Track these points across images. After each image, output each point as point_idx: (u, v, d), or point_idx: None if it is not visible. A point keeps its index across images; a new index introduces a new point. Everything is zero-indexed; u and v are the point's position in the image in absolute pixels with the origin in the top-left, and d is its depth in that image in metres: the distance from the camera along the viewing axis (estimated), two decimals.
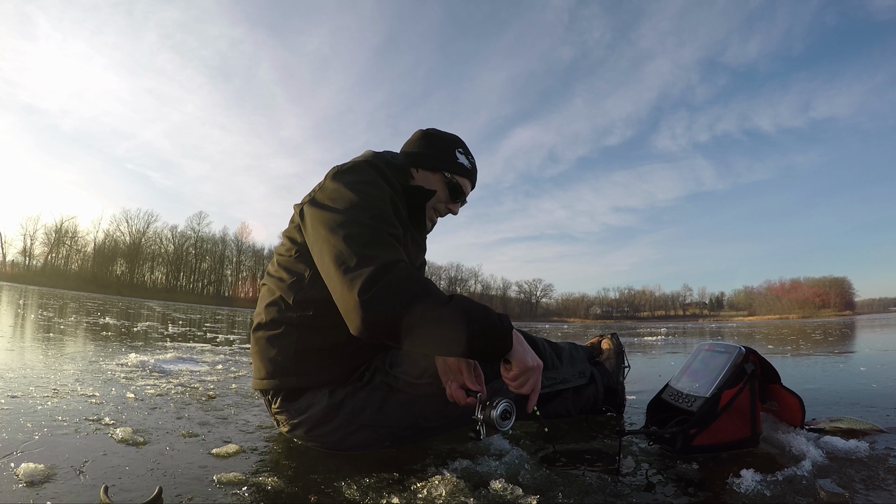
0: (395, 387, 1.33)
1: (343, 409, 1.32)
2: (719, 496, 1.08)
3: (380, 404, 1.33)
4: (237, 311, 22.35)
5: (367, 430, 1.33)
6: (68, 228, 67.48)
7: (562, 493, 1.07)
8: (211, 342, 5.00)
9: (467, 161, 1.55)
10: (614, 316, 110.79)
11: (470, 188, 1.59)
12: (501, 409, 1.14)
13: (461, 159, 1.54)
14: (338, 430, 1.33)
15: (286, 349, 1.32)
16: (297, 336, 1.31)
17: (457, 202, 1.55)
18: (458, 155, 1.53)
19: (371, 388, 1.33)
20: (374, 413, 1.32)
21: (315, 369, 1.33)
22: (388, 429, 1.34)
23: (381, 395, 1.33)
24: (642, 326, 25.97)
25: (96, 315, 8.66)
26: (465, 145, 1.58)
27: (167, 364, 2.97)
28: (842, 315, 77.16)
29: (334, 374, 1.34)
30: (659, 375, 3.31)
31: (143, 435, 1.41)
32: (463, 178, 1.54)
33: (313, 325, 1.30)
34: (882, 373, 3.21)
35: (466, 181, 1.55)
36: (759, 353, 1.46)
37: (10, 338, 3.99)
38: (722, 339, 8.77)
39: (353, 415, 1.32)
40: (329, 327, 1.29)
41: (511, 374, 1.15)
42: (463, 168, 1.53)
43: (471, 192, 1.61)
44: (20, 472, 1.04)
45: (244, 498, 1.02)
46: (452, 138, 1.57)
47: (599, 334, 2.05)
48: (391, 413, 1.33)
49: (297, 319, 1.31)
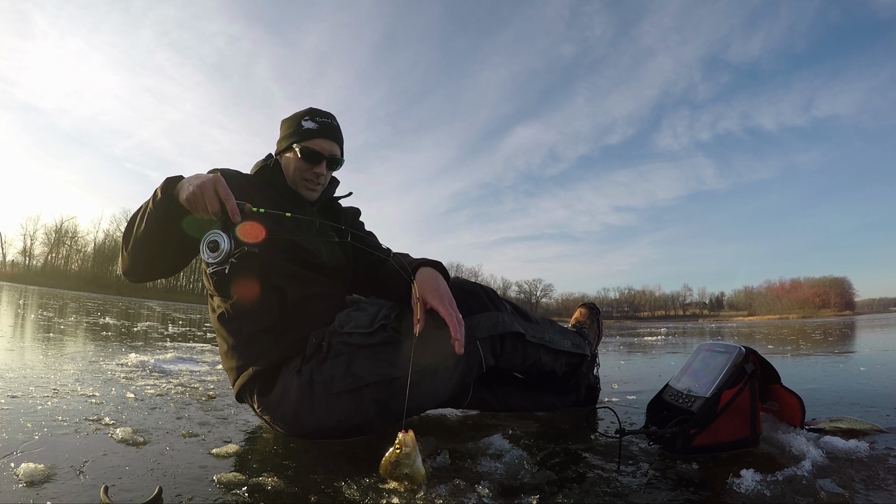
0: (354, 343, 1.36)
1: (315, 385, 1.34)
2: (719, 496, 1.08)
3: (346, 367, 1.34)
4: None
5: (345, 398, 1.35)
6: (68, 228, 67.56)
7: (562, 493, 1.07)
8: (211, 342, 4.99)
9: (313, 123, 1.57)
10: (614, 316, 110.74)
11: (330, 145, 1.59)
12: (210, 239, 1.21)
13: (306, 125, 1.57)
14: (318, 408, 1.35)
15: (233, 345, 1.47)
16: (232, 329, 1.46)
17: (318, 164, 1.57)
18: (304, 122, 1.57)
19: (333, 354, 1.36)
20: (343, 377, 1.34)
21: (261, 350, 1.43)
22: (362, 391, 1.35)
23: (344, 358, 1.35)
24: (642, 326, 25.95)
25: (96, 315, 8.66)
26: (316, 110, 1.61)
27: (167, 364, 2.97)
28: (842, 315, 77.12)
29: (284, 348, 1.42)
30: (659, 375, 3.31)
31: (143, 435, 1.41)
32: (313, 140, 1.56)
33: (237, 315, 1.44)
34: (882, 373, 3.21)
35: (319, 140, 1.57)
36: (759, 352, 1.46)
37: (10, 338, 3.99)
38: (722, 338, 8.76)
39: (325, 387, 1.34)
40: (250, 313, 1.43)
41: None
42: (309, 132, 1.56)
43: (337, 149, 1.61)
44: (20, 472, 1.04)
45: (244, 498, 1.01)
46: (301, 112, 1.61)
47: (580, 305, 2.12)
48: (359, 371, 1.34)
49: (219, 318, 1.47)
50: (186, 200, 1.22)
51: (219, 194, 1.19)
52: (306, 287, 1.47)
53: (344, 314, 1.45)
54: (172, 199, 1.26)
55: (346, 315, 1.44)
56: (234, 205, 1.19)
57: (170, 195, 1.27)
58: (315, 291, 1.48)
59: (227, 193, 1.19)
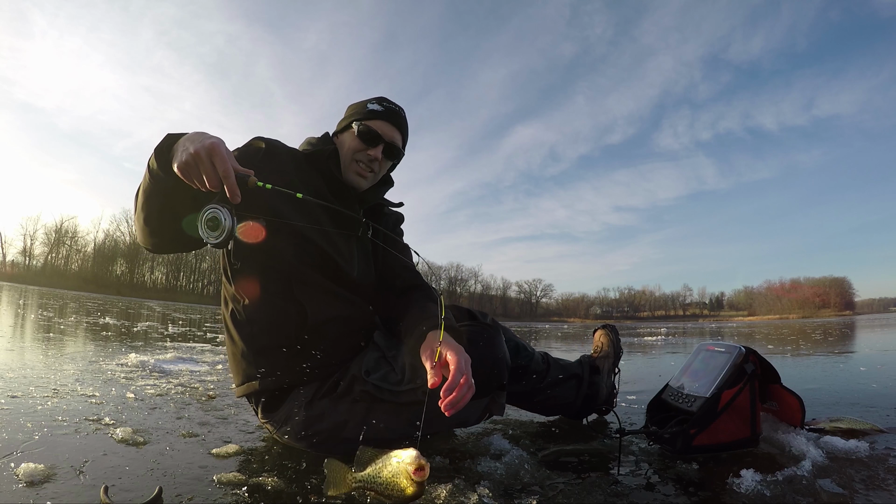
0: (377, 396, 1.26)
1: (324, 423, 1.29)
2: (719, 496, 1.08)
3: (363, 417, 1.27)
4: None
5: (353, 443, 1.26)
6: (68, 228, 67.51)
7: (562, 493, 1.07)
8: (211, 342, 4.99)
9: (379, 106, 1.45)
10: (614, 316, 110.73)
11: (391, 130, 1.45)
12: (209, 215, 1.03)
13: (372, 106, 1.45)
14: (323, 443, 1.30)
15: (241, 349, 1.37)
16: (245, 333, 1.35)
17: (375, 146, 1.43)
18: (370, 105, 1.46)
19: (351, 399, 1.28)
20: (356, 427, 1.27)
21: (271, 367, 1.32)
22: (375, 442, 1.26)
23: (364, 406, 1.27)
24: (642, 326, 25.95)
25: (96, 315, 8.66)
26: (384, 97, 1.50)
27: (167, 364, 2.97)
28: (842, 315, 77.14)
29: (294, 373, 1.32)
30: (659, 375, 3.31)
31: (143, 435, 1.41)
32: (374, 121, 1.43)
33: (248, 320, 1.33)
34: (882, 373, 3.21)
35: (380, 122, 1.43)
36: (759, 353, 1.46)
37: (10, 338, 3.99)
38: (722, 339, 8.76)
39: (335, 429, 1.29)
40: (263, 323, 1.32)
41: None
42: (373, 112, 1.44)
43: (399, 137, 1.48)
44: (20, 472, 1.04)
45: (244, 498, 1.01)
46: (370, 98, 1.50)
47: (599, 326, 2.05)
48: (375, 426, 1.27)
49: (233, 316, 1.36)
50: (179, 169, 1.02)
51: (216, 168, 0.99)
52: (329, 308, 1.34)
53: (373, 360, 1.32)
54: (168, 173, 1.07)
55: (374, 362, 1.31)
56: (233, 183, 1.00)
57: (166, 164, 1.07)
58: (336, 315, 1.36)
59: (225, 168, 0.99)
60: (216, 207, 1.03)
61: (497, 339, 1.34)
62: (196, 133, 1.05)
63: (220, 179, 1.00)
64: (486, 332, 1.33)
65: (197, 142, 1.01)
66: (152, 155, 1.10)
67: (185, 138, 1.05)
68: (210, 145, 0.99)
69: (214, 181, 1.00)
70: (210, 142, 1.00)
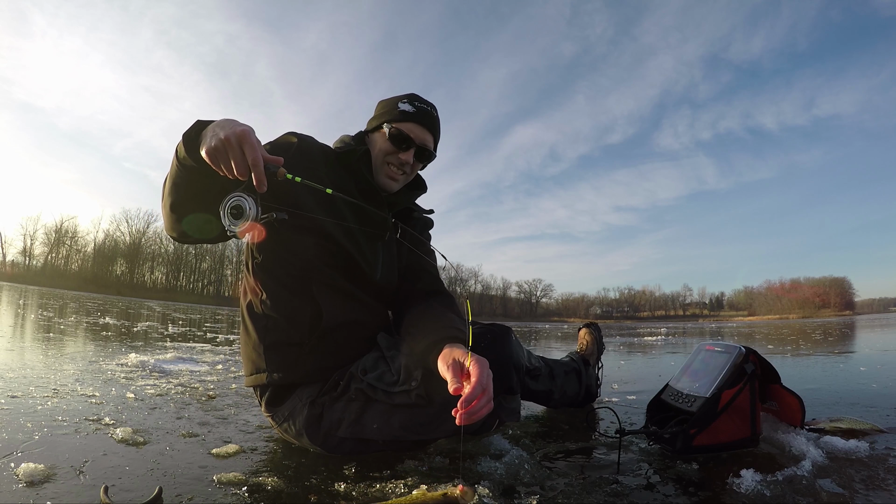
0: (371, 396, 1.26)
1: (322, 421, 1.29)
2: (719, 496, 1.08)
3: (356, 416, 1.27)
4: (237, 311, 22.30)
5: (349, 443, 1.28)
6: (68, 228, 67.49)
7: (562, 493, 1.07)
8: (211, 342, 5.00)
9: (410, 106, 1.41)
10: (614, 316, 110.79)
11: (423, 133, 1.42)
12: (233, 203, 1.02)
13: (403, 107, 1.41)
14: (322, 440, 1.31)
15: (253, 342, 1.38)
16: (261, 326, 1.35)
17: (406, 150, 1.41)
18: (401, 105, 1.42)
19: (347, 398, 1.28)
20: (350, 425, 1.27)
21: (281, 362, 1.33)
22: (368, 443, 1.27)
23: (358, 405, 1.27)
24: (642, 326, 25.96)
25: (96, 315, 8.66)
26: (416, 96, 1.46)
27: (167, 364, 2.97)
28: (842, 315, 77.15)
29: (304, 372, 1.33)
30: (659, 375, 3.31)
31: (143, 435, 1.41)
32: (406, 123, 1.40)
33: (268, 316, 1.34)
34: (882, 373, 3.21)
35: (411, 125, 1.40)
36: (759, 353, 1.46)
37: (10, 338, 3.99)
38: (722, 339, 8.76)
39: (331, 427, 1.29)
40: (278, 318, 1.33)
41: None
42: (404, 114, 1.40)
43: (430, 139, 1.45)
44: (20, 472, 1.04)
45: (244, 498, 1.01)
46: (401, 95, 1.46)
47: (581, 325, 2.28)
48: (368, 425, 1.26)
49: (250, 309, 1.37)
50: (207, 154, 1.00)
51: (245, 155, 0.98)
52: (346, 311, 1.35)
53: (371, 360, 1.33)
54: (196, 159, 1.05)
55: (373, 361, 1.32)
56: (261, 172, 0.99)
57: (194, 150, 1.05)
58: (352, 319, 1.36)
59: (255, 156, 0.98)
60: (241, 196, 1.02)
61: (504, 340, 1.32)
62: (226, 119, 1.04)
63: (249, 167, 0.98)
64: (490, 332, 1.32)
65: (227, 128, 1.00)
66: (180, 140, 1.08)
67: (214, 124, 1.04)
68: (241, 132, 0.98)
69: (242, 168, 0.99)
70: (241, 129, 0.99)
